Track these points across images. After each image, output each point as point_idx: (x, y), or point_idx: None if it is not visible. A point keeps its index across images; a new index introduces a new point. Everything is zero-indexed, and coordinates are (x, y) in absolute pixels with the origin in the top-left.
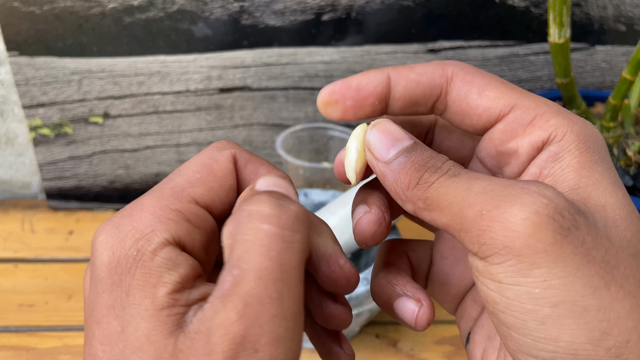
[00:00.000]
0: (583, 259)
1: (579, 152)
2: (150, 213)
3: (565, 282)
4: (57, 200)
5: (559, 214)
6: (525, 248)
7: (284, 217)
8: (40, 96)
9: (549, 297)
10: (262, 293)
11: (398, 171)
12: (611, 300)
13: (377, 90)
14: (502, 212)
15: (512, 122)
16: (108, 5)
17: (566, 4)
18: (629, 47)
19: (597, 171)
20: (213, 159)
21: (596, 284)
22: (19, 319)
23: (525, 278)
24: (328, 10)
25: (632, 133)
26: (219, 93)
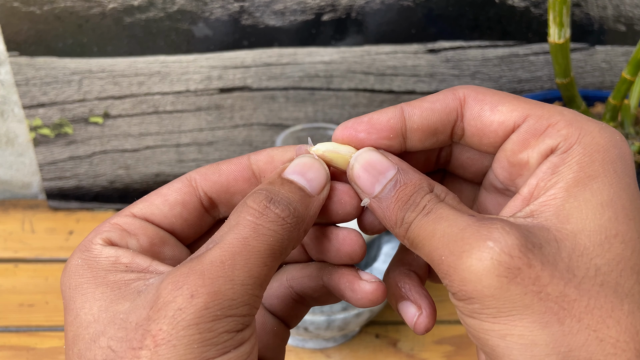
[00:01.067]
0: (534, 297)
1: (579, 165)
2: (93, 232)
3: (513, 319)
4: (57, 200)
5: (507, 255)
6: (475, 293)
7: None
8: (40, 96)
9: (498, 332)
10: (217, 259)
11: (385, 209)
12: (563, 334)
13: (390, 122)
14: (454, 260)
15: (525, 132)
16: (108, 5)
17: (566, 4)
18: (629, 47)
19: (590, 188)
20: (166, 184)
21: (547, 320)
22: (19, 319)
23: (479, 315)
24: (328, 10)
25: (632, 133)
26: (219, 93)
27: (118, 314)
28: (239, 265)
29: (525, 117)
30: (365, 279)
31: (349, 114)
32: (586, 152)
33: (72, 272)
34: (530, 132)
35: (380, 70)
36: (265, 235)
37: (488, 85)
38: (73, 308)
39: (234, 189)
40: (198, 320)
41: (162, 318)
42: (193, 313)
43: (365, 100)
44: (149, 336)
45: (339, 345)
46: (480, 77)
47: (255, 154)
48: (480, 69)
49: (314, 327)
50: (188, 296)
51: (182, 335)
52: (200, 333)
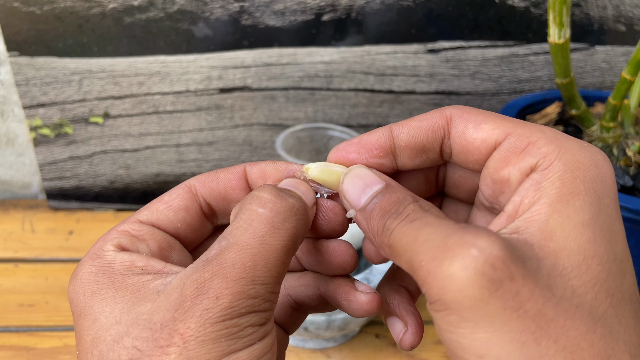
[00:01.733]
0: (513, 313)
1: (561, 182)
2: (100, 240)
3: (490, 337)
4: (57, 200)
5: (491, 266)
6: (454, 303)
7: (278, 205)
8: (40, 96)
9: (475, 349)
10: (238, 261)
11: (368, 219)
12: (539, 355)
13: (379, 141)
14: (436, 266)
15: (506, 149)
16: (108, 5)
17: (566, 4)
18: (629, 47)
19: (573, 206)
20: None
21: (524, 339)
22: (19, 319)
23: (456, 329)
24: (328, 10)
25: (631, 133)
26: (219, 93)
27: (141, 314)
28: (260, 267)
29: (506, 134)
30: (361, 290)
31: (349, 114)
32: (567, 168)
33: (86, 280)
34: (511, 149)
35: (380, 70)
36: (280, 230)
37: (488, 85)
38: (91, 313)
39: (231, 196)
40: (224, 318)
41: (189, 318)
42: (219, 312)
43: (365, 100)
44: (177, 334)
45: (339, 345)
46: (480, 77)
47: (250, 166)
48: (480, 69)
49: (314, 327)
50: (214, 298)
51: (209, 332)
52: (227, 328)
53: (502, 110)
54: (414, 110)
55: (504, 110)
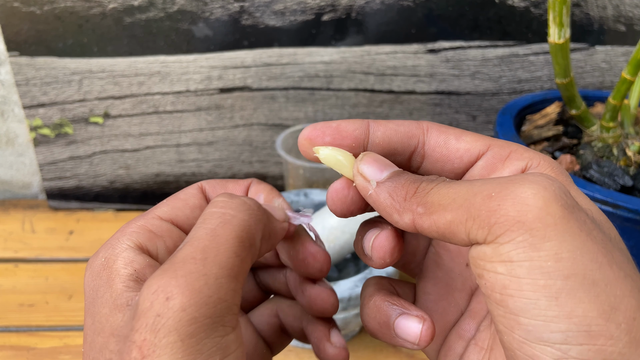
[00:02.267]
0: (587, 236)
1: (555, 175)
2: (119, 232)
3: (574, 255)
4: (57, 200)
5: (564, 193)
6: (537, 221)
7: (230, 203)
8: (40, 96)
9: (561, 270)
10: (188, 256)
11: (393, 187)
12: (615, 277)
13: (355, 132)
14: (512, 191)
15: (492, 158)
16: (108, 5)
17: (566, 4)
18: (629, 47)
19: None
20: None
21: (601, 260)
22: (19, 318)
23: (537, 252)
24: (328, 10)
25: (631, 133)
26: (219, 93)
27: (116, 326)
28: (210, 258)
29: (488, 146)
30: (333, 342)
31: (349, 114)
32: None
33: (94, 272)
34: (496, 157)
35: (380, 70)
36: (231, 223)
37: (488, 85)
38: (92, 312)
39: None
40: (177, 325)
41: (143, 327)
42: (172, 318)
43: (365, 100)
44: (135, 348)
45: None
46: (480, 77)
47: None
48: (480, 69)
49: None
50: (163, 299)
51: (164, 344)
52: (182, 340)
53: (502, 110)
54: (414, 110)
55: (504, 110)
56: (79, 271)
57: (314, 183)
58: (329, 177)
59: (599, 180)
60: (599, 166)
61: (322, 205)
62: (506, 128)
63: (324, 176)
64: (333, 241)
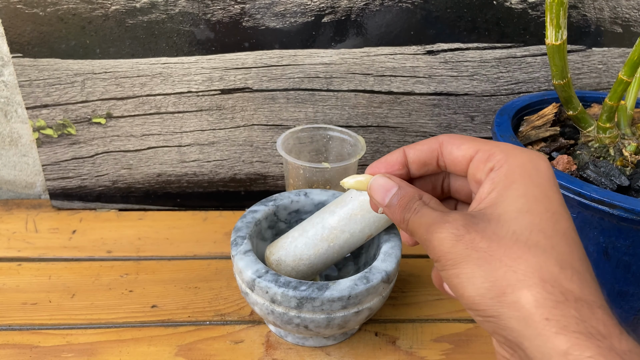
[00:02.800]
0: (472, 251)
1: (505, 176)
2: None
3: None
4: (60, 200)
5: (455, 229)
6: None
7: None
8: (43, 97)
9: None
10: None
11: (393, 213)
12: (491, 270)
13: (397, 159)
14: (430, 236)
15: (477, 160)
16: (111, 7)
17: (563, 6)
18: (626, 48)
19: (512, 188)
20: None
21: (480, 263)
22: (22, 317)
23: (445, 266)
24: (328, 12)
25: (628, 133)
26: (220, 94)
27: None
28: None
29: (476, 151)
30: None
31: (349, 115)
32: (510, 167)
33: None
34: (480, 160)
35: (380, 71)
36: None
37: (486, 86)
38: None
39: None
40: None
41: None
42: None
43: (365, 101)
44: None
45: (339, 343)
46: (478, 79)
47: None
48: (478, 71)
49: (314, 325)
50: None
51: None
52: None
53: (500, 110)
54: (413, 111)
55: (501, 111)
56: (82, 270)
57: (314, 183)
58: (329, 177)
59: (595, 180)
60: (595, 166)
61: (322, 205)
62: (504, 129)
63: (323, 176)
64: (333, 240)
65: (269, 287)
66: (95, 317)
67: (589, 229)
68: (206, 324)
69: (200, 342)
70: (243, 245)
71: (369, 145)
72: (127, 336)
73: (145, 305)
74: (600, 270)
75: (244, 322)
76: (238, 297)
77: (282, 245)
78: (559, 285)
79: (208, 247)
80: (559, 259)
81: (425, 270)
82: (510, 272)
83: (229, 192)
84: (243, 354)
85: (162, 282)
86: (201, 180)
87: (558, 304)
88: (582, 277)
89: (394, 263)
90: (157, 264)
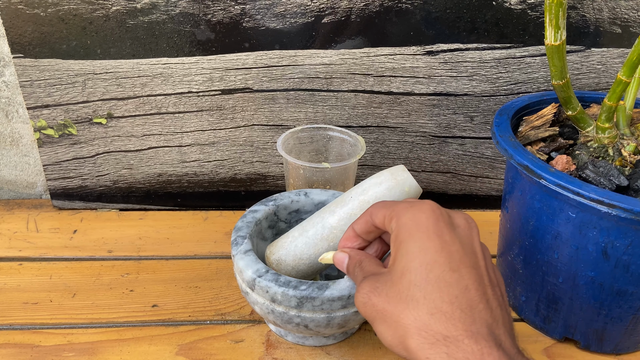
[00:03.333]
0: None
1: (396, 237)
2: None
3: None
4: (61, 199)
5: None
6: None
7: None
8: (44, 97)
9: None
10: None
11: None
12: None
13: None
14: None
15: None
16: (111, 8)
17: (562, 6)
18: (625, 49)
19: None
20: None
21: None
22: (23, 316)
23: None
24: (328, 12)
25: (627, 134)
26: (220, 94)
27: None
28: None
29: (384, 215)
30: None
31: (349, 115)
32: (399, 228)
33: None
34: (387, 224)
35: (380, 71)
36: None
37: (485, 86)
38: None
39: None
40: None
41: None
42: None
43: (365, 102)
44: None
45: (339, 343)
46: (477, 79)
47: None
48: (477, 71)
49: (314, 324)
50: None
51: None
52: None
53: (499, 111)
54: (412, 111)
55: (501, 111)
56: (83, 269)
57: (314, 183)
58: (329, 177)
59: (594, 180)
60: (594, 166)
61: (322, 205)
62: (503, 129)
63: (323, 176)
64: (333, 240)
65: (269, 286)
66: (96, 316)
67: (588, 228)
68: (207, 323)
69: (201, 341)
70: (243, 244)
71: (368, 145)
72: (127, 335)
73: (146, 305)
74: (599, 270)
75: (245, 322)
76: (238, 296)
77: (282, 244)
78: (430, 329)
79: (208, 246)
80: (430, 307)
81: None
82: (400, 327)
83: (229, 192)
84: (243, 353)
85: (162, 281)
86: (202, 180)
87: (432, 345)
88: (448, 317)
89: None
90: (158, 264)
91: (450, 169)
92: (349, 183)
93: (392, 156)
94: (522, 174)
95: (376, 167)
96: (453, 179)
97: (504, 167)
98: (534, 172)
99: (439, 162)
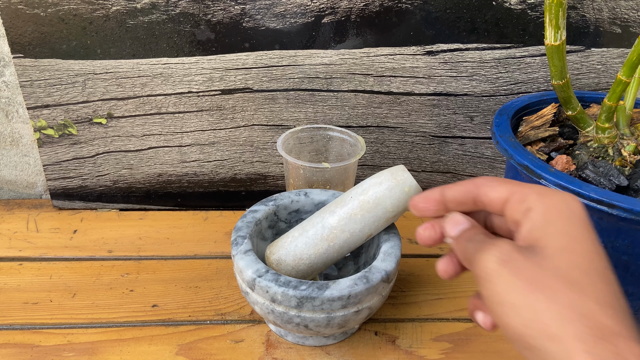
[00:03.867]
0: (516, 277)
1: (543, 215)
2: None
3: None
4: (61, 199)
5: (504, 255)
6: (488, 276)
7: None
8: (44, 97)
9: (496, 297)
10: None
11: (456, 246)
12: (534, 301)
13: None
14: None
15: (512, 202)
16: (112, 8)
17: (562, 6)
18: (625, 49)
19: (551, 227)
20: None
21: (524, 291)
22: (23, 316)
23: (492, 292)
24: (328, 12)
25: (626, 133)
26: (220, 94)
27: None
28: None
29: (511, 193)
30: None
31: (349, 115)
32: (546, 207)
33: None
34: (515, 201)
35: (379, 71)
36: None
37: (485, 86)
38: None
39: None
40: None
41: None
42: None
43: (365, 102)
44: None
45: (339, 342)
46: (477, 79)
47: None
48: (477, 71)
49: (314, 324)
50: None
51: None
52: None
53: (499, 111)
54: (412, 111)
55: (501, 111)
56: (83, 270)
57: (314, 183)
58: (329, 177)
59: (594, 180)
60: (594, 166)
61: (322, 205)
62: (503, 129)
63: (323, 176)
64: (333, 240)
65: (269, 286)
66: (96, 316)
67: None
68: (207, 323)
69: (201, 341)
70: (243, 244)
71: (368, 145)
72: (127, 335)
73: (146, 305)
74: None
75: (245, 322)
76: (238, 296)
77: (282, 244)
78: (598, 321)
79: (208, 246)
80: (597, 296)
81: (424, 270)
82: (552, 306)
83: (229, 192)
84: (243, 353)
85: (162, 281)
86: (202, 180)
87: (598, 339)
88: (618, 313)
89: (393, 262)
90: (158, 264)
91: (450, 169)
92: (349, 183)
93: (392, 156)
94: (522, 174)
95: (376, 167)
96: (453, 179)
97: (504, 167)
98: (534, 172)
99: (439, 162)
